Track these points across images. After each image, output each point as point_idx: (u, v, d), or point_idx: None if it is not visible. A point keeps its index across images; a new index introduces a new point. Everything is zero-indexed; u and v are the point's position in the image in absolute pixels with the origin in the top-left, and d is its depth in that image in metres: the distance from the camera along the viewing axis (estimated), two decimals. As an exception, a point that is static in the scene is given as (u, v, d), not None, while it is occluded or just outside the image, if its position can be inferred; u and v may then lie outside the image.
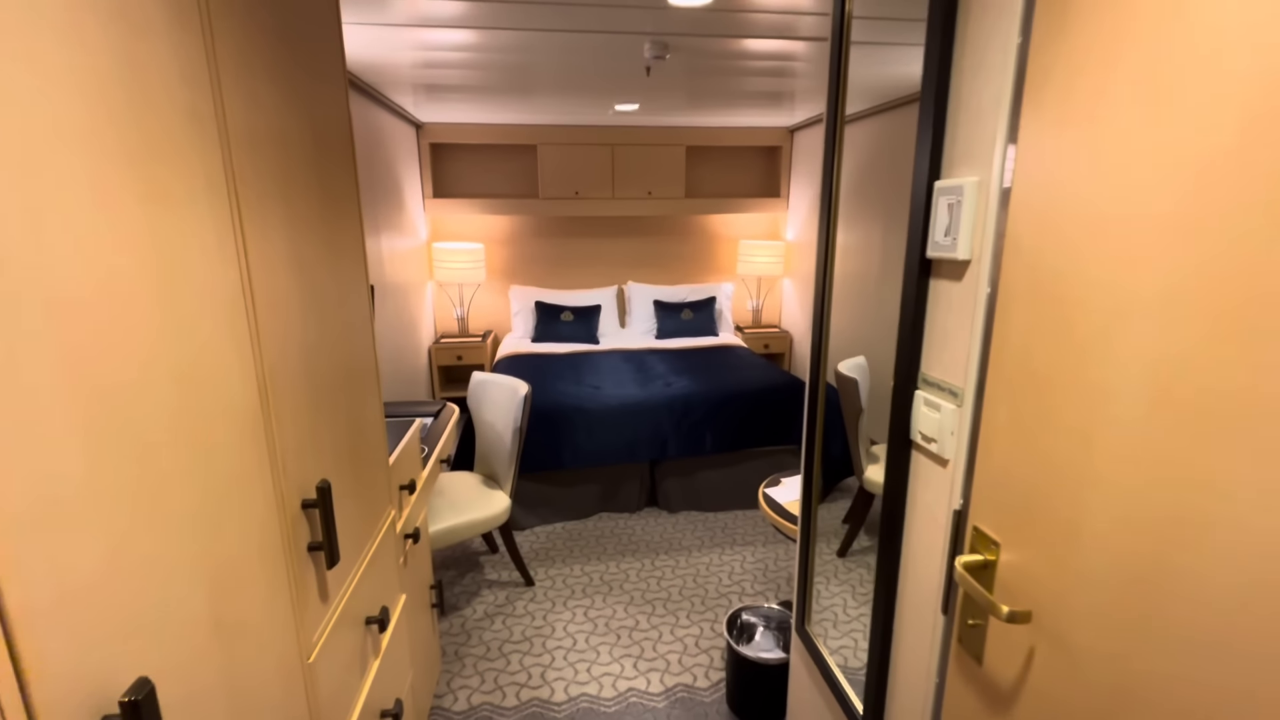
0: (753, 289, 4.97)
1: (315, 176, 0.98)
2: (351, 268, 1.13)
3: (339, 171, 1.08)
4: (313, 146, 0.96)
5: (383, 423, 1.30)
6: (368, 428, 1.20)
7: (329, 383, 0.99)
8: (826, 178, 1.28)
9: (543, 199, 4.45)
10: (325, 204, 1.01)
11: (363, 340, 1.18)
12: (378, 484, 1.25)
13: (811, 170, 4.32)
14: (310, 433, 0.91)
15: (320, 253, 0.99)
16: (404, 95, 3.38)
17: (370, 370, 1.22)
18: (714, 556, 2.79)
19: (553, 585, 2.58)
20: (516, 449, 2.44)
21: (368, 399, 1.20)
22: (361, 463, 1.14)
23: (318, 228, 0.98)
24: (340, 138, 1.10)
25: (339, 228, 1.08)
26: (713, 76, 2.94)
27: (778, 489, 2.13)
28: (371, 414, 1.23)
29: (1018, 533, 0.78)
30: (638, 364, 3.74)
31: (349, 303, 1.11)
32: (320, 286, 0.98)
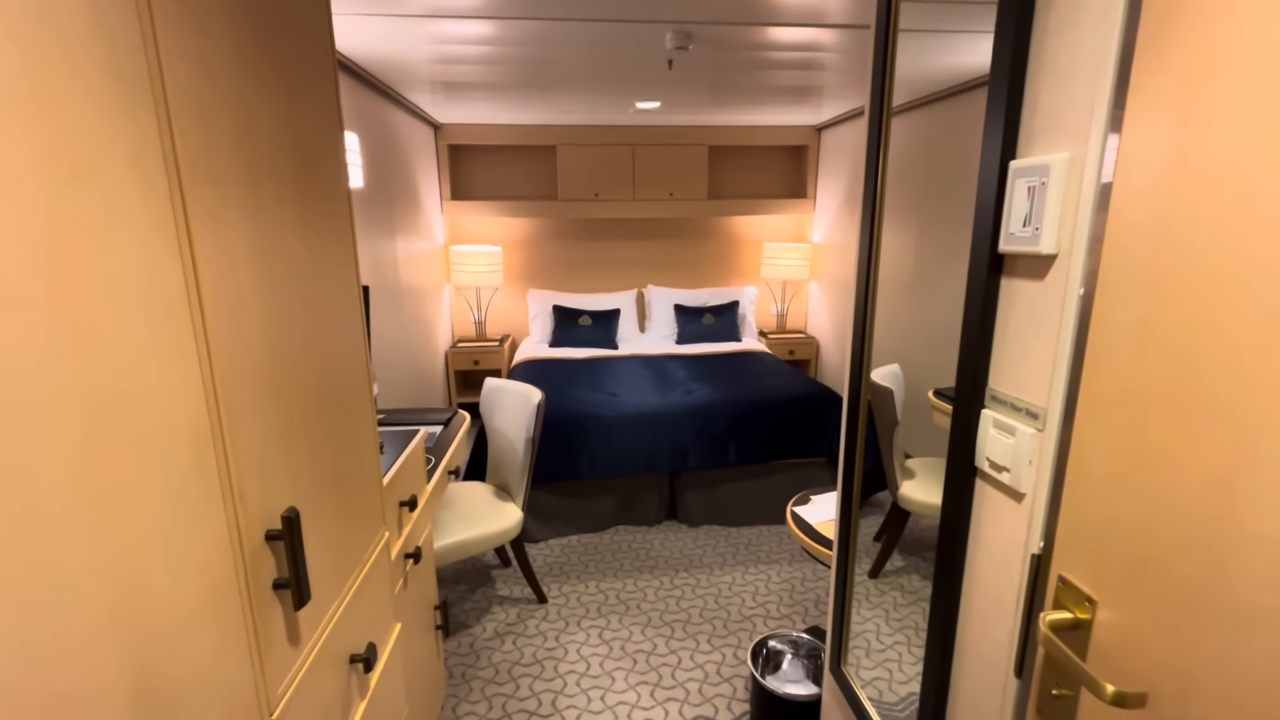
0: (777, 293, 4.81)
1: (293, 161, 0.87)
2: (338, 266, 1.02)
3: (323, 157, 0.97)
4: (289, 127, 0.85)
5: (374, 436, 1.19)
6: (357, 442, 1.08)
7: (306, 394, 0.88)
8: (871, 174, 1.14)
9: (562, 201, 4.35)
10: (305, 193, 0.90)
11: (352, 346, 1.06)
12: (367, 504, 1.14)
13: (840, 170, 4.16)
14: (279, 452, 0.79)
15: (298, 248, 0.88)
16: (422, 94, 3.31)
17: (360, 379, 1.11)
18: (737, 575, 2.64)
19: (566, 603, 2.46)
20: (529, 459, 2.33)
21: (357, 411, 1.09)
22: (347, 482, 1.03)
23: (294, 219, 0.87)
24: (326, 120, 0.99)
25: (323, 221, 0.97)
26: (737, 70, 2.80)
27: (808, 508, 1.97)
28: (361, 427, 1.12)
29: (1123, 591, 0.63)
30: (657, 370, 3.60)
31: (335, 304, 0.99)
32: (297, 285, 0.86)
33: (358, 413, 1.09)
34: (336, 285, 1.01)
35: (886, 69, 1.10)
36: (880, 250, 1.14)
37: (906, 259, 3.31)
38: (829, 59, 2.65)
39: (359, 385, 1.10)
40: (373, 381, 2.29)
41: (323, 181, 0.97)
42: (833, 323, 4.33)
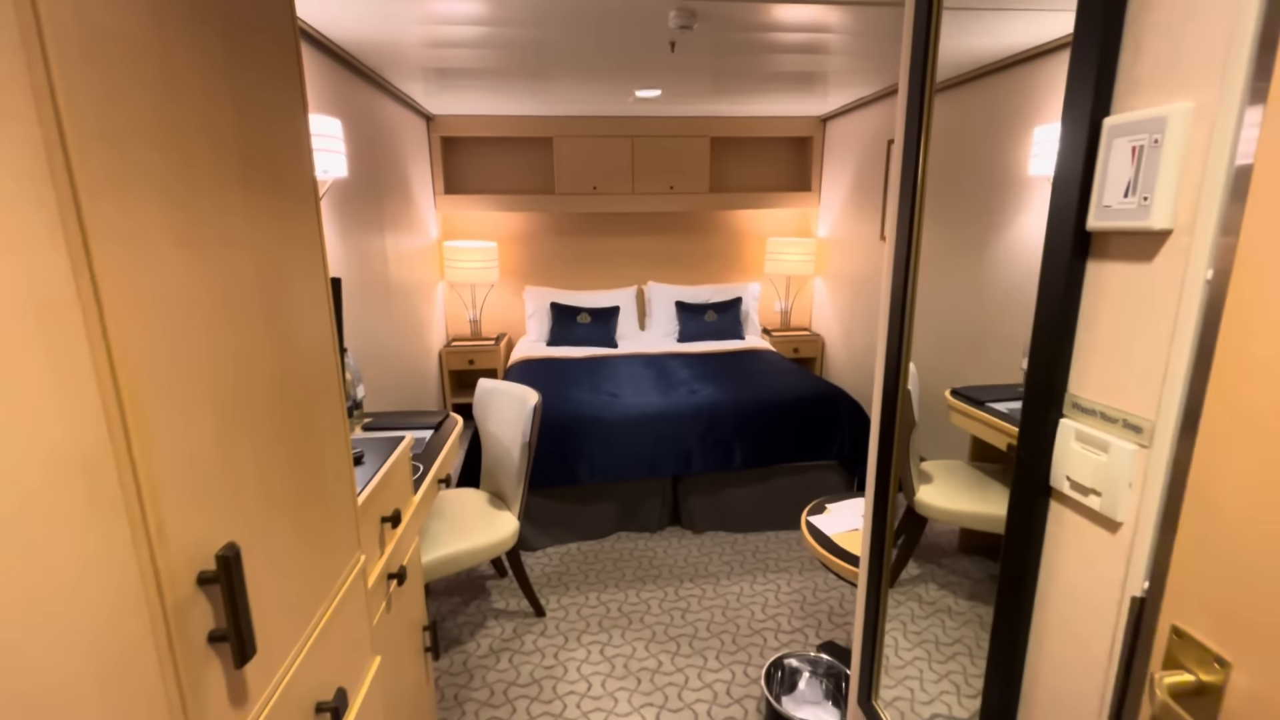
0: (781, 289, 4.67)
1: (239, 130, 0.73)
2: (300, 254, 0.88)
3: (281, 137, 0.83)
4: (230, 88, 0.71)
5: (346, 447, 1.05)
6: (324, 455, 0.95)
7: (256, 402, 0.74)
8: (910, 158, 1.00)
9: (559, 195, 4.21)
10: (256, 170, 0.76)
11: (316, 344, 0.92)
12: (337, 526, 1.00)
13: (845, 162, 4.02)
14: (215, 474, 0.66)
15: (247, 232, 0.74)
16: (413, 83, 3.17)
17: (328, 381, 0.97)
18: (745, 585, 2.51)
19: (566, 616, 2.32)
20: (525, 465, 2.19)
21: (324, 419, 0.95)
22: (311, 503, 0.89)
23: (241, 200, 0.73)
24: (285, 99, 0.85)
25: (280, 206, 0.83)
26: (740, 54, 2.67)
27: (825, 518, 1.84)
28: (330, 437, 0.98)
29: (1271, 655, 0.49)
30: (659, 369, 3.47)
31: (295, 297, 0.86)
32: (244, 277, 0.73)
33: (325, 421, 0.95)
34: (298, 276, 0.87)
35: (930, 36, 0.96)
36: (920, 246, 1.01)
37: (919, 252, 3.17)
38: (836, 41, 2.51)
39: (327, 389, 0.97)
40: (356, 384, 2.16)
41: (280, 164, 0.83)
42: (839, 319, 4.20)
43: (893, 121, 3.39)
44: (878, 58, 2.78)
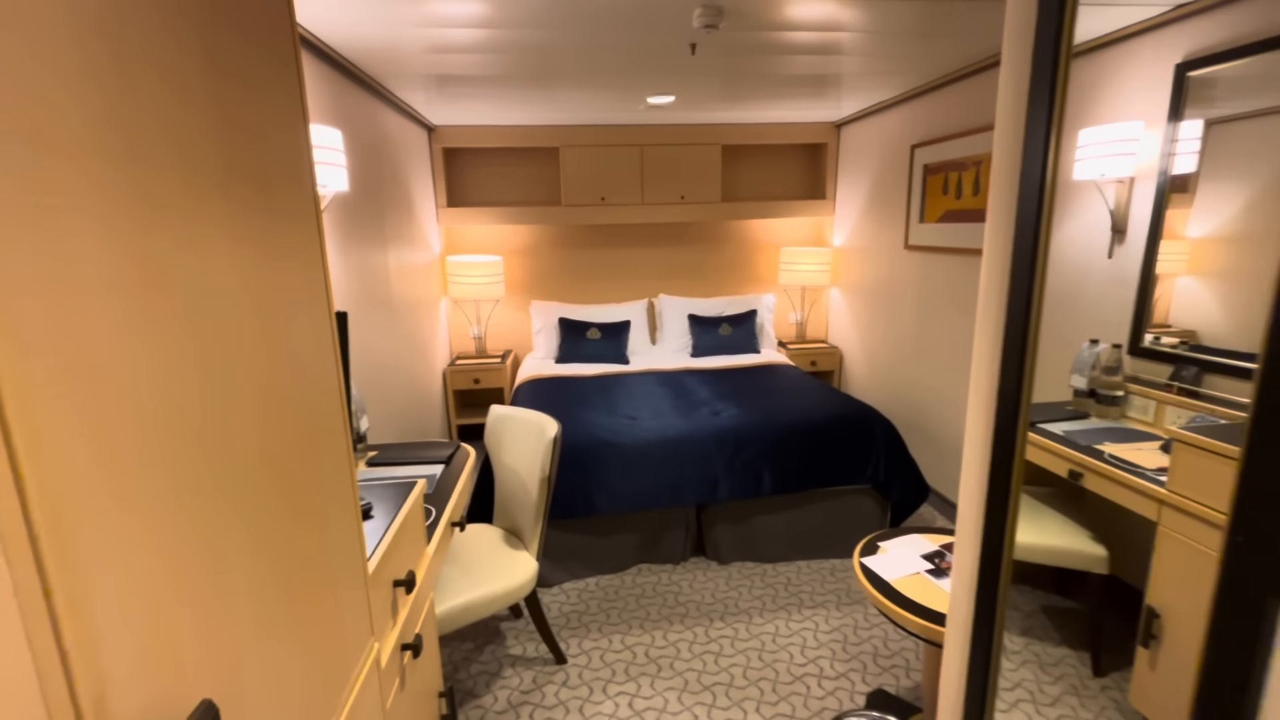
0: (796, 300, 4.52)
1: (223, 141, 0.57)
2: (299, 286, 0.71)
3: (275, 140, 0.67)
4: (211, 93, 0.55)
5: (357, 515, 0.88)
6: (330, 532, 0.78)
7: (244, 479, 0.58)
8: (1038, 136, 0.84)
9: (565, 206, 4.06)
10: (244, 187, 0.60)
11: (320, 398, 0.76)
12: (347, 615, 0.83)
13: (862, 169, 3.88)
14: (184, 596, 0.48)
15: (228, 261, 0.57)
16: (414, 91, 3.02)
17: (336, 440, 0.81)
18: (780, 623, 2.33)
19: (589, 663, 2.14)
20: (544, 500, 2.02)
21: (330, 486, 0.78)
22: (316, 597, 0.72)
23: (221, 222, 0.56)
24: (281, 90, 0.69)
25: (275, 225, 0.66)
26: (757, 55, 2.52)
27: (880, 560, 1.67)
28: (339, 507, 0.81)
29: None
30: (676, 387, 3.30)
31: (292, 341, 0.69)
32: (224, 316, 0.56)
33: (331, 487, 0.79)
34: (296, 312, 0.70)
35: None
36: (1049, 253, 0.84)
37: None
38: (854, 41, 2.37)
39: (332, 448, 0.80)
40: (360, 416, 1.98)
41: (274, 181, 0.67)
42: (857, 331, 4.04)
43: (915, 126, 3.26)
44: (898, 59, 2.64)
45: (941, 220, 3.04)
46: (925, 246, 3.18)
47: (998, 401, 0.92)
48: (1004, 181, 0.91)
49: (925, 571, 1.59)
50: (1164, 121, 2.04)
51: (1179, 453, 1.55)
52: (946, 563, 1.63)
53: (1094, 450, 1.89)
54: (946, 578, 1.56)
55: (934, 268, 3.13)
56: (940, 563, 1.63)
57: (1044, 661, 2.06)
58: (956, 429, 3.01)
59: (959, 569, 1.11)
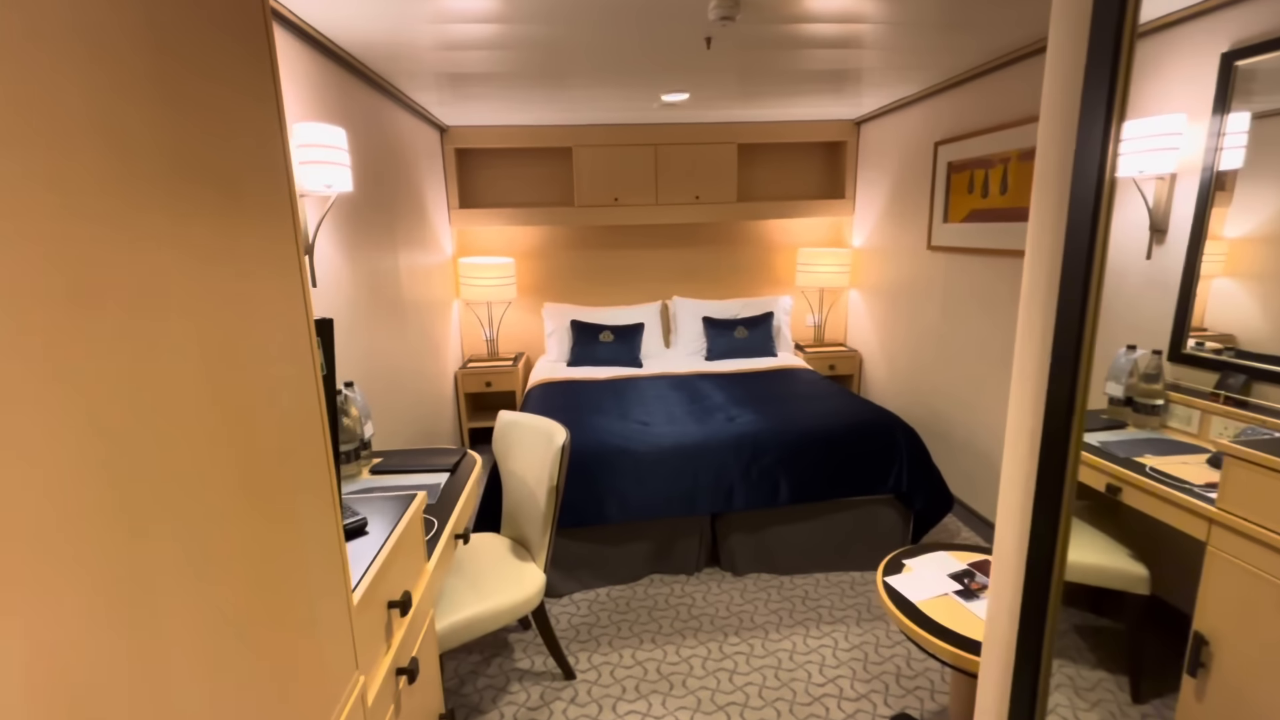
0: (814, 302, 4.42)
1: (173, 137, 0.50)
2: (270, 294, 0.65)
3: (243, 140, 0.61)
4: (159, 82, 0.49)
5: (337, 536, 0.81)
6: (306, 558, 0.71)
7: (192, 505, 0.51)
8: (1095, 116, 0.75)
9: (578, 207, 4.00)
10: (201, 190, 0.54)
11: (295, 408, 0.69)
12: (328, 653, 0.76)
13: (882, 168, 3.77)
14: (101, 636, 0.42)
15: (178, 264, 0.51)
16: (426, 90, 2.98)
17: (315, 456, 0.74)
18: (797, 639, 2.24)
19: (598, 679, 2.07)
20: (552, 510, 1.95)
21: (306, 508, 0.72)
22: (283, 635, 0.65)
23: (168, 219, 0.50)
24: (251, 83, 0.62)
25: (242, 231, 0.60)
26: (774, 50, 2.43)
27: (905, 579, 1.57)
28: (318, 530, 0.74)
29: None
30: (690, 392, 3.22)
31: (259, 350, 0.62)
32: (163, 324, 0.49)
33: (308, 510, 0.72)
34: (265, 323, 0.64)
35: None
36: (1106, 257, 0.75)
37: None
38: (875, 34, 2.27)
39: (309, 467, 0.73)
40: (364, 421, 1.93)
41: (241, 185, 0.60)
42: (878, 334, 3.93)
43: (938, 122, 3.14)
44: (921, 52, 2.54)
45: (966, 220, 2.93)
46: (949, 247, 3.07)
47: (1045, 414, 0.83)
48: (1051, 178, 0.82)
49: (954, 593, 1.50)
50: (1208, 114, 1.92)
51: (1231, 468, 1.44)
52: (977, 583, 1.53)
53: (1134, 463, 1.78)
54: (977, 600, 1.47)
55: (958, 269, 3.02)
56: (970, 583, 1.54)
57: (1079, 685, 1.95)
58: (982, 436, 2.89)
59: (998, 595, 1.02)
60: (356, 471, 1.90)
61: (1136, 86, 2.14)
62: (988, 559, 1.65)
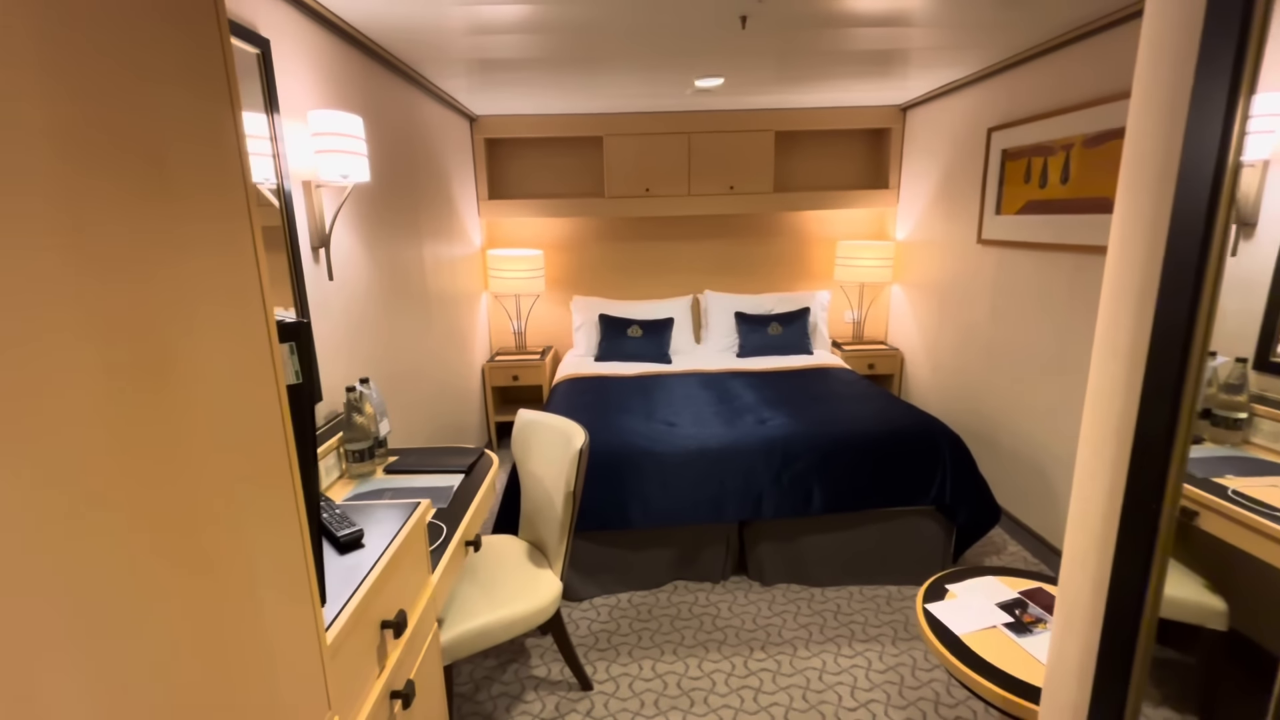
0: (853, 297, 4.23)
1: (76, 115, 0.42)
2: (211, 294, 0.57)
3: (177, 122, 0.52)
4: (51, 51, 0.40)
5: (305, 574, 0.73)
6: (258, 603, 0.63)
7: (85, 555, 0.43)
8: (1221, 100, 0.61)
9: (609, 198, 3.90)
10: (95, 166, 0.45)
11: (248, 428, 0.61)
12: (286, 697, 0.68)
13: (930, 156, 3.55)
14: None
15: (64, 260, 0.43)
16: (454, 78, 2.91)
17: (276, 483, 0.66)
18: (828, 657, 2.11)
19: (616, 691, 1.99)
20: (570, 516, 1.86)
21: (260, 545, 0.64)
22: (218, 692, 0.58)
23: (45, 204, 0.41)
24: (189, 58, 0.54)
25: (169, 226, 0.52)
26: (815, 29, 2.27)
27: (947, 606, 1.43)
28: (278, 569, 0.66)
29: None
30: (720, 391, 3.10)
31: (188, 360, 0.54)
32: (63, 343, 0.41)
33: (263, 546, 0.64)
34: (203, 327, 0.56)
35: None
36: (1224, 256, 0.62)
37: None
38: (924, 10, 2.09)
39: (268, 498, 0.65)
40: (379, 418, 1.87)
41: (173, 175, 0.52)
42: (921, 332, 3.72)
43: (993, 107, 2.93)
44: (975, 30, 2.34)
45: (1022, 212, 2.72)
46: (1002, 241, 2.86)
47: (1137, 438, 0.70)
48: (1147, 164, 0.68)
49: (1003, 625, 1.36)
50: (1311, 92, 1.70)
51: (1336, 498, 1.25)
52: (1030, 616, 1.38)
53: (1213, 484, 1.59)
54: (1030, 635, 1.32)
55: (1012, 264, 2.81)
56: (1022, 615, 1.39)
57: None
58: (1032, 445, 2.69)
59: (1066, 639, 0.89)
60: (370, 470, 1.86)
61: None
62: (1041, 587, 1.50)
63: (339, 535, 1.08)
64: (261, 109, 1.63)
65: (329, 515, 1.16)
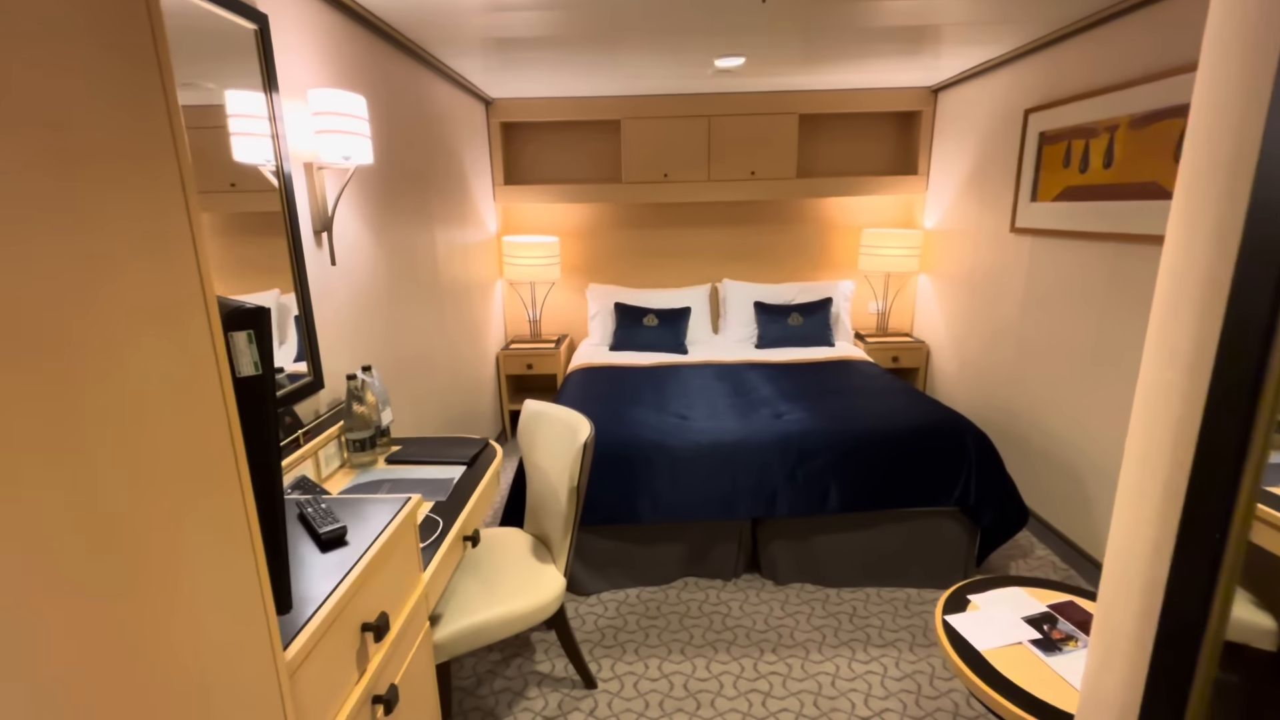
0: (878, 288, 4.08)
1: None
2: (128, 278, 0.51)
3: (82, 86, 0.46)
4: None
5: (257, 587, 0.67)
6: (198, 624, 0.58)
7: None
8: None
9: (626, 184, 3.81)
10: None
11: (183, 432, 0.55)
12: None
13: (963, 140, 3.39)
14: None
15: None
16: (469, 58, 2.84)
17: (220, 490, 0.60)
18: (842, 662, 2.03)
19: (621, 690, 1.93)
20: (574, 511, 1.81)
21: (200, 560, 0.58)
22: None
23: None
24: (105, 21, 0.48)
25: (73, 200, 0.45)
26: (844, 2, 2.15)
27: (969, 619, 1.34)
28: (223, 585, 0.61)
29: None
30: (735, 383, 3.01)
31: (101, 355, 0.48)
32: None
33: (205, 561, 0.58)
34: (120, 318, 0.49)
35: None
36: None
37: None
38: None
39: (208, 507, 0.59)
40: (382, 408, 1.83)
41: (79, 148, 0.45)
42: (949, 325, 3.58)
43: (1031, 87, 2.76)
44: (1012, 3, 2.18)
45: (1060, 198, 2.56)
46: (1037, 229, 2.71)
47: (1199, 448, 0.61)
48: (1216, 146, 0.58)
49: (1030, 642, 1.26)
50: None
51: None
52: (1059, 632, 1.29)
53: (1266, 494, 1.47)
54: (1060, 654, 1.22)
55: (1047, 254, 2.66)
56: (1050, 631, 1.29)
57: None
58: (1065, 444, 2.55)
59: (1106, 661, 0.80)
60: (372, 460, 1.82)
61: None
62: (1073, 601, 1.40)
63: (320, 532, 1.03)
64: (259, 88, 1.58)
65: (314, 510, 1.11)
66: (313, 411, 1.81)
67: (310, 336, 1.79)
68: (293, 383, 1.71)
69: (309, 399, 1.79)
